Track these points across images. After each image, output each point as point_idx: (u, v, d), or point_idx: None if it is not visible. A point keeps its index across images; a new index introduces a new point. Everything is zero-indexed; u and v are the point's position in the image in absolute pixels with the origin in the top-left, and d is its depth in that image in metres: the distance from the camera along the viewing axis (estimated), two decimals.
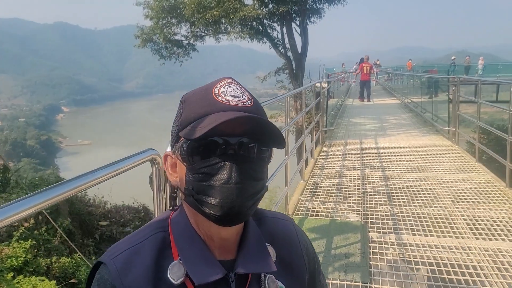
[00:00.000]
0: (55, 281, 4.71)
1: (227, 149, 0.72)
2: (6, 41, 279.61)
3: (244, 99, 0.77)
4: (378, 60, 29.57)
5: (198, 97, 0.78)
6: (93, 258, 6.62)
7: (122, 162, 1.32)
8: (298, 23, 17.15)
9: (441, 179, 5.42)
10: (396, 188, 5.21)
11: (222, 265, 0.77)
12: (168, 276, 0.74)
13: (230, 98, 0.75)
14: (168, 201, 1.58)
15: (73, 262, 6.06)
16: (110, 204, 9.11)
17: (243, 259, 0.79)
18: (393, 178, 5.65)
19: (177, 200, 0.88)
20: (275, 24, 17.83)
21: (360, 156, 7.07)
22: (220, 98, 0.75)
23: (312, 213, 4.45)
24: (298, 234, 0.95)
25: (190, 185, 0.75)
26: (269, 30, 17.95)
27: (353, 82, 24.10)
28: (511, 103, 4.81)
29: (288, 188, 4.41)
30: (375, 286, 2.94)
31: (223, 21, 17.33)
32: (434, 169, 5.95)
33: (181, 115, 0.79)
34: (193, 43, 19.54)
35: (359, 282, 2.97)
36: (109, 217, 8.37)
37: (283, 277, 0.85)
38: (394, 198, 4.82)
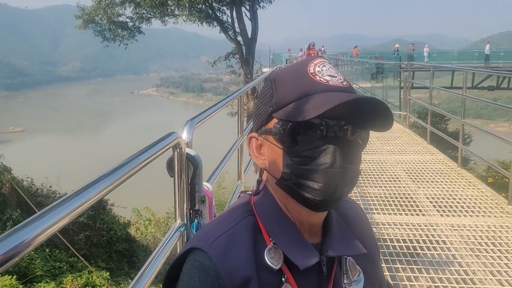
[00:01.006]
0: (14, 276, 4.40)
1: (329, 131, 0.69)
2: None
3: (340, 79, 0.73)
4: (323, 47, 30.18)
5: (292, 77, 0.74)
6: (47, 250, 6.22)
7: (146, 153, 1.14)
8: (248, 7, 17.06)
9: (399, 160, 5.69)
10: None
11: None
12: (267, 261, 0.72)
13: (328, 77, 0.72)
14: (189, 186, 1.51)
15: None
16: (59, 193, 8.63)
17: (330, 241, 0.78)
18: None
19: (260, 183, 0.83)
20: (225, 8, 17.61)
21: None
22: (317, 77, 0.72)
23: None
24: (366, 217, 0.94)
25: (289, 169, 0.72)
26: (218, 14, 17.70)
27: None
28: (464, 89, 5.13)
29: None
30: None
31: (170, 3, 16.81)
32: (391, 152, 6.23)
33: (274, 95, 0.74)
34: (139, 26, 18.82)
35: None
36: None
37: (359, 259, 0.84)
38: (359, 180, 4.99)
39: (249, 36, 17.22)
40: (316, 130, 0.69)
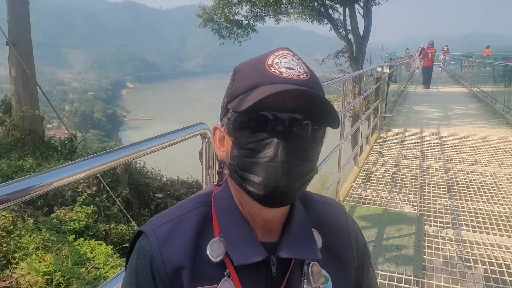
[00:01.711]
0: (112, 246, 4.98)
1: (277, 125, 0.66)
2: (78, 17, 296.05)
3: (299, 71, 0.70)
4: (446, 46, 27.82)
5: (250, 68, 0.72)
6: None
7: (174, 134, 1.34)
8: (361, 4, 16.51)
9: (510, 175, 5.03)
10: (457, 181, 4.91)
11: (264, 247, 0.73)
12: (208, 253, 0.72)
13: (283, 70, 0.69)
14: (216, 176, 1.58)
15: (130, 229, 6.38)
16: (166, 177, 9.46)
17: (286, 242, 0.75)
18: (455, 170, 5.34)
19: (223, 175, 0.83)
20: (338, 6, 17.30)
21: (420, 146, 6.74)
22: (272, 69, 0.69)
23: (364, 201, 4.32)
24: (348, 222, 0.89)
25: (235, 161, 0.71)
26: (330, 12, 17.47)
27: (416, 68, 22.91)
28: None
29: (340, 174, 4.30)
30: (428, 281, 2.81)
31: (284, 1, 17.12)
32: (502, 164, 5.54)
33: (232, 87, 0.74)
34: (253, 24, 19.51)
35: (411, 276, 2.85)
36: (165, 189, 8.70)
37: (329, 266, 0.80)
38: (455, 192, 4.55)
39: (361, 34, 16.67)
40: (262, 122, 0.67)
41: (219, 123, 0.80)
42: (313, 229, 0.80)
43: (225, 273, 0.72)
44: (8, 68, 7.31)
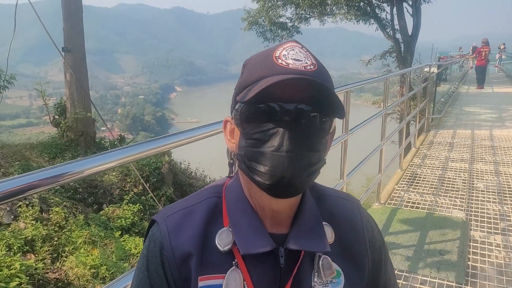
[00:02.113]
0: None
1: (283, 115, 0.67)
2: (130, 25, 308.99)
3: (306, 63, 0.70)
4: (503, 44, 26.26)
5: (258, 61, 0.73)
6: None
7: (200, 130, 1.39)
8: (410, 2, 16.00)
9: None
10: (509, 185, 4.64)
11: (273, 239, 0.74)
12: (216, 242, 0.74)
13: (290, 61, 0.69)
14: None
15: None
16: (209, 178, 9.65)
17: (295, 234, 0.75)
18: (507, 174, 5.04)
19: (234, 167, 0.86)
20: (385, 4, 16.87)
21: (470, 148, 6.43)
22: (279, 61, 0.69)
23: (407, 204, 4.18)
24: (362, 217, 0.87)
25: (243, 151, 0.72)
26: (377, 11, 17.07)
27: (470, 68, 21.83)
28: None
29: (381, 176, 4.20)
30: None
31: (329, 2, 16.96)
32: None
33: (241, 79, 0.75)
34: (297, 26, 19.46)
35: (453, 282, 2.73)
36: None
37: (341, 261, 0.80)
38: (506, 197, 4.30)
39: (410, 33, 16.15)
40: (268, 113, 0.68)
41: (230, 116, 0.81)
42: (325, 223, 0.80)
43: (233, 262, 0.74)
44: (63, 73, 7.78)
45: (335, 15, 18.01)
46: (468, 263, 2.99)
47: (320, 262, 0.77)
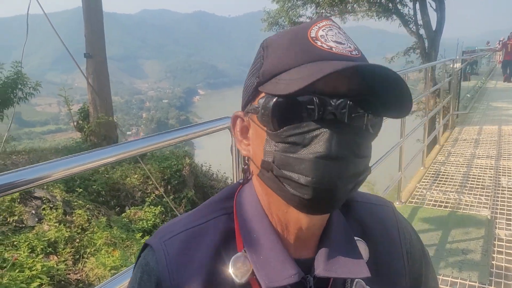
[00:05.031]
0: None
1: (327, 113, 0.54)
2: (153, 30, 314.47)
3: (350, 47, 0.57)
4: None
5: (288, 41, 0.59)
6: None
7: (201, 126, 1.39)
8: None
9: None
10: None
11: (299, 265, 0.61)
12: (230, 272, 0.60)
13: (332, 44, 0.56)
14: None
15: None
16: (230, 180, 9.66)
17: (325, 257, 0.62)
18: None
19: (249, 173, 0.69)
20: (407, 0, 16.58)
21: (497, 145, 6.21)
22: (319, 43, 0.56)
23: (429, 202, 4.07)
24: (399, 224, 0.74)
25: (270, 157, 0.57)
26: (399, 7, 16.78)
27: (498, 62, 21.15)
28: None
29: (402, 174, 4.09)
30: None
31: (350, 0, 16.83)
32: None
33: (263, 64, 0.60)
34: None
35: (475, 282, 2.63)
36: None
37: (376, 281, 0.66)
38: None
39: (433, 28, 15.80)
40: (308, 109, 0.54)
41: (241, 111, 0.67)
42: (357, 238, 0.68)
43: None
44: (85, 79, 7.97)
45: (356, 12, 17.85)
46: (493, 262, 2.88)
47: (353, 287, 0.64)
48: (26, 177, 0.87)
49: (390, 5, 16.75)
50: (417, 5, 15.69)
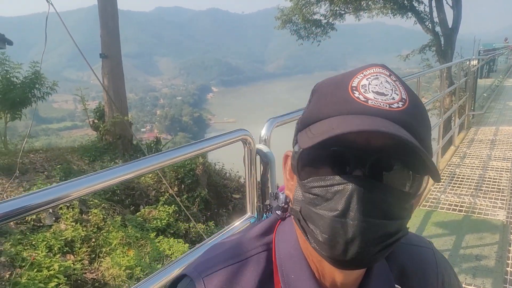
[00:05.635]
0: (188, 244, 5.25)
1: (355, 167, 0.51)
2: (167, 28, 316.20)
3: (393, 98, 0.53)
4: None
5: (330, 89, 0.57)
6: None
7: (215, 139, 1.41)
8: None
9: None
10: None
11: None
12: None
13: (371, 95, 0.53)
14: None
15: (208, 228, 6.67)
16: (243, 178, 9.70)
17: None
18: None
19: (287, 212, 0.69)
20: None
21: None
22: (356, 94, 0.53)
23: (443, 205, 4.03)
24: (438, 268, 0.72)
25: (298, 206, 0.57)
26: (415, 4, 16.56)
27: None
28: None
29: None
30: None
31: None
32: None
33: (306, 110, 0.60)
34: (332, 22, 19.24)
35: None
36: (242, 191, 8.94)
37: None
38: None
39: (450, 25, 15.56)
40: (335, 162, 0.52)
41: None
42: (397, 286, 0.67)
43: None
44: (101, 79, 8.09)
45: (371, 9, 17.70)
46: (507, 269, 2.85)
47: None
48: (38, 201, 0.89)
49: (406, 2, 16.56)
50: (433, 2, 15.47)
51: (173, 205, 6.43)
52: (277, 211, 0.69)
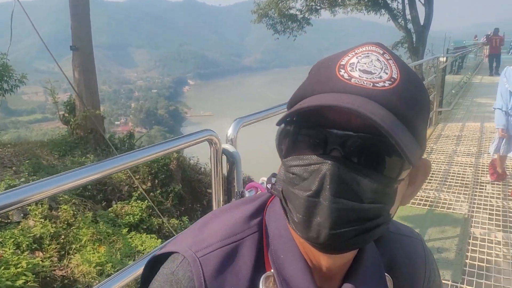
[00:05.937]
0: (161, 240, 5.25)
1: (332, 147, 0.49)
2: (143, 18, 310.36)
3: (380, 77, 0.50)
4: None
5: (321, 67, 0.56)
6: None
7: (181, 140, 1.43)
8: None
9: None
10: None
11: None
12: None
13: (356, 74, 0.51)
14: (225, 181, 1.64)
15: (182, 224, 6.67)
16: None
17: None
18: None
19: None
20: None
21: (478, 142, 6.35)
22: (342, 72, 0.51)
23: None
24: (427, 261, 0.72)
25: (280, 186, 0.56)
26: (388, 1, 16.86)
27: (485, 57, 21.43)
28: None
29: None
30: (467, 287, 2.68)
31: None
32: None
33: (295, 91, 0.58)
34: (308, 17, 19.36)
35: (449, 281, 2.74)
36: None
37: None
38: None
39: (421, 23, 15.92)
40: (312, 140, 0.51)
41: None
42: (385, 273, 0.65)
43: None
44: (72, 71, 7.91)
45: (346, 5, 17.90)
46: (466, 261, 2.99)
47: None
48: (6, 201, 0.90)
49: None
50: (406, 0, 15.80)
51: (146, 201, 6.39)
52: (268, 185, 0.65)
